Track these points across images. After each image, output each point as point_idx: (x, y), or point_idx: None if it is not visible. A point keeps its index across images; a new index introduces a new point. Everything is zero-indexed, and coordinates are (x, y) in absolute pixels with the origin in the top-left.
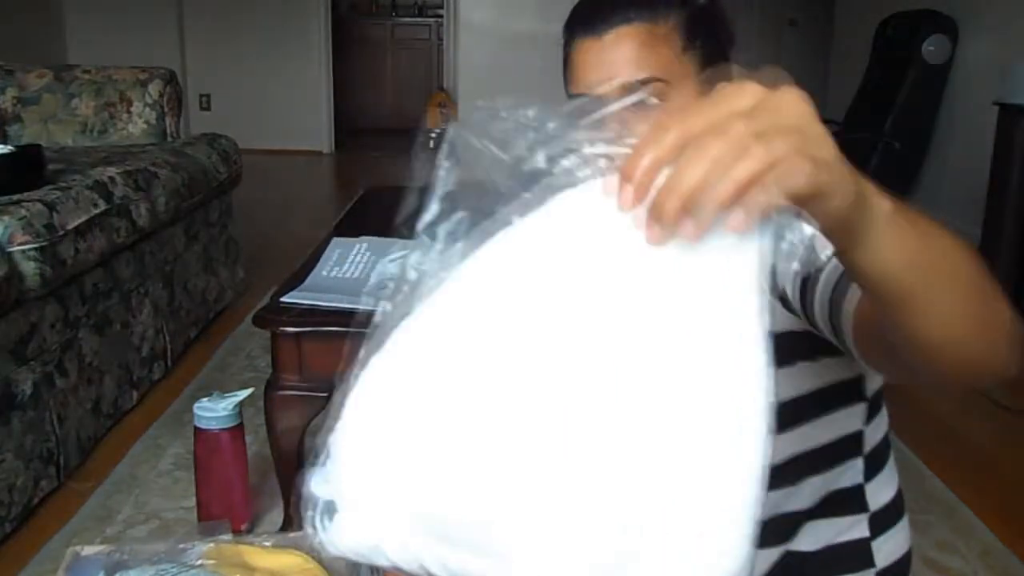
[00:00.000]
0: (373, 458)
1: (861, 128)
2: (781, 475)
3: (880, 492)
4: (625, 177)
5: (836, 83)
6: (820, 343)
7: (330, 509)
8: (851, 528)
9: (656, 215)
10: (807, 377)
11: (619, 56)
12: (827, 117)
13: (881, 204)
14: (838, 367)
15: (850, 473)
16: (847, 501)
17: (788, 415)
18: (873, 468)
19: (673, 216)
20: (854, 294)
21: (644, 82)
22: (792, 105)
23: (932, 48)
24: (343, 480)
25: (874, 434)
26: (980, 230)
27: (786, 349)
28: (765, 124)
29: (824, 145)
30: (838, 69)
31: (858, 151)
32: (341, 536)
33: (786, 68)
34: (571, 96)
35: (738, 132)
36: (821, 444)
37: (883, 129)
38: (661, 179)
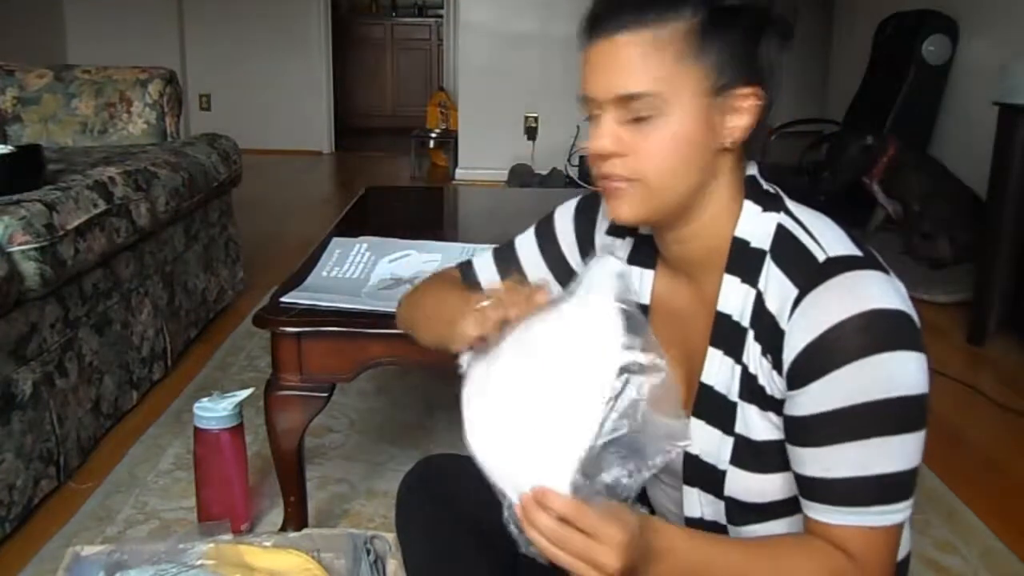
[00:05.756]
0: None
1: (861, 128)
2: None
3: None
4: None
5: (836, 83)
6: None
7: None
8: None
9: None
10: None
11: (620, 64)
12: (827, 117)
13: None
14: None
15: None
16: None
17: (783, 507)
18: None
19: None
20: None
21: (635, 97)
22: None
23: (932, 48)
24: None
25: None
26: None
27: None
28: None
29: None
30: (838, 69)
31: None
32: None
33: (786, 68)
34: (579, 97)
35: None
36: None
37: (883, 129)
38: None
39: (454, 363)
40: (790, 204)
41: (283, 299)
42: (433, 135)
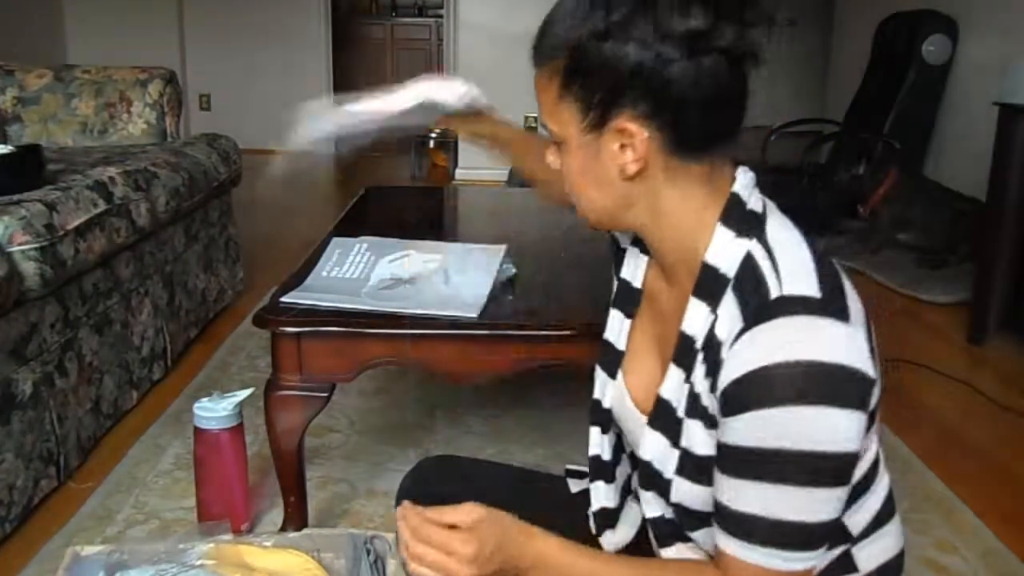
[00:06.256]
0: None
1: (861, 128)
2: None
3: (859, 513)
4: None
5: (836, 83)
6: None
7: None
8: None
9: None
10: None
11: (538, 98)
12: (827, 117)
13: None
14: None
15: None
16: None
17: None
18: (853, 496)
19: None
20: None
21: (544, 126)
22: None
23: (932, 48)
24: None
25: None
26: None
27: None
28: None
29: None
30: (838, 69)
31: (858, 151)
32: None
33: (786, 68)
34: None
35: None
36: None
37: (883, 129)
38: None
39: (452, 364)
40: (771, 225)
41: (283, 299)
42: (433, 135)
